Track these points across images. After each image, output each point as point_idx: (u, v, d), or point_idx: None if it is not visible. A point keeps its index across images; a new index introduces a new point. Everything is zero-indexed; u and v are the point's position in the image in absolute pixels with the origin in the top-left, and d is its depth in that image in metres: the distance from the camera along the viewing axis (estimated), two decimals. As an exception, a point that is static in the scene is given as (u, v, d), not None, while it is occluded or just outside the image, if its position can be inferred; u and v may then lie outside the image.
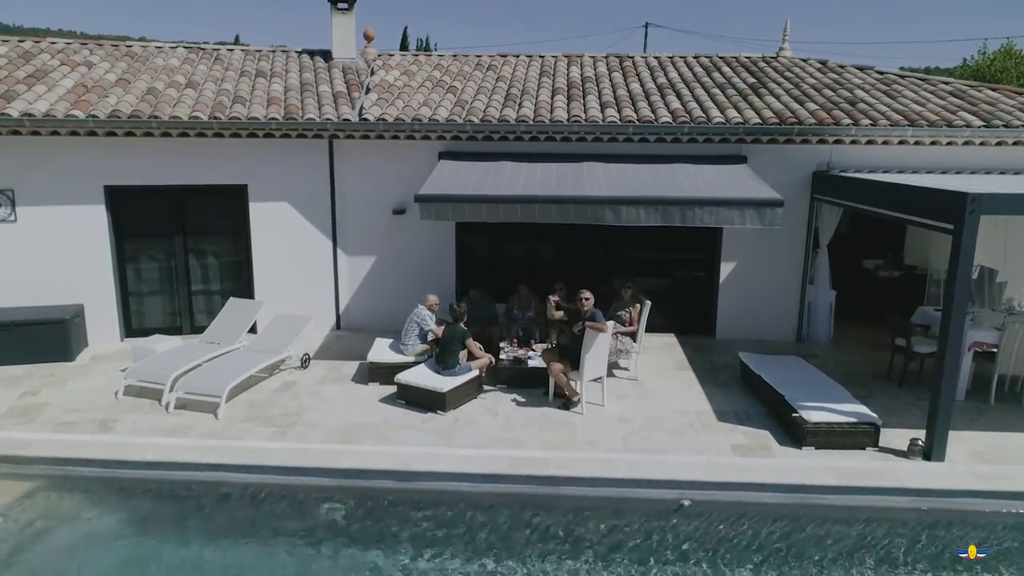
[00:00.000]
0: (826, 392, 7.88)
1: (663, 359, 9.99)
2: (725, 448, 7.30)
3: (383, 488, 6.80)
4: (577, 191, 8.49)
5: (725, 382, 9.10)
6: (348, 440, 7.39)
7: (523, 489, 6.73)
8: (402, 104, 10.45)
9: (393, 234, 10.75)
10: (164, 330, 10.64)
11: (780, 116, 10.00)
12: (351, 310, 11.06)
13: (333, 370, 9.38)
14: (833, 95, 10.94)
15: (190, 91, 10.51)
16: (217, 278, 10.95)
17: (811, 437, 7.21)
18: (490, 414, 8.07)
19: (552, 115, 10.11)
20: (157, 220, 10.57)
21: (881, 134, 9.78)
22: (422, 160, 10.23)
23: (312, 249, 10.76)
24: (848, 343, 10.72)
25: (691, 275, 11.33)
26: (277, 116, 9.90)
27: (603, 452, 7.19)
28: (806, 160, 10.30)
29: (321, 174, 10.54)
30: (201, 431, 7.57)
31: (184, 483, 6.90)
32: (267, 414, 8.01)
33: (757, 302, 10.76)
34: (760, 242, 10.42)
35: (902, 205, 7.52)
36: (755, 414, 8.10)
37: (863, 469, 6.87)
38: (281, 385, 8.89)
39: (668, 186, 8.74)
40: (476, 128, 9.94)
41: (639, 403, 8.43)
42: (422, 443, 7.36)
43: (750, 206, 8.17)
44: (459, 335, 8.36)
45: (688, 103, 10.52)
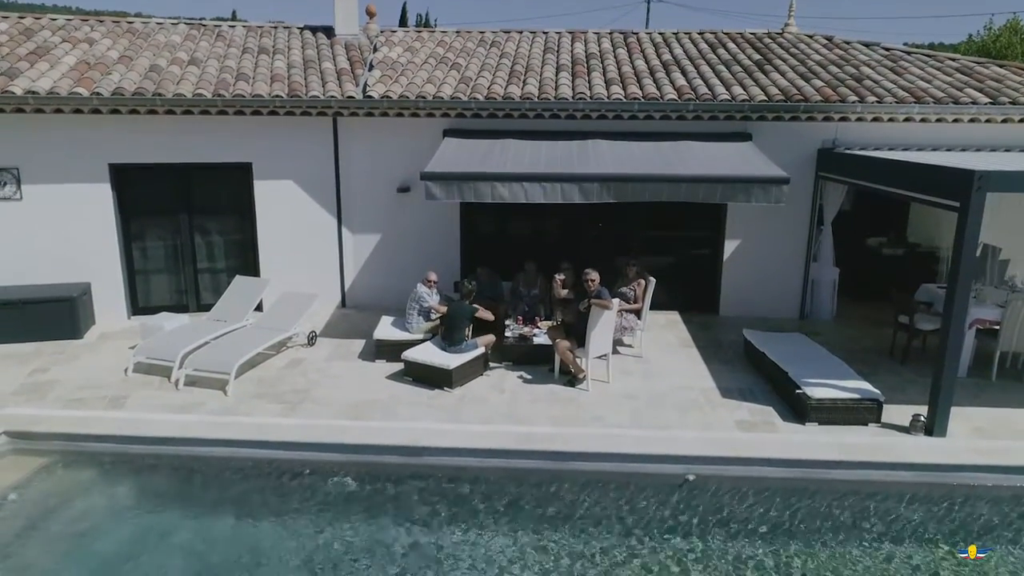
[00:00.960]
0: (830, 369, 7.95)
1: (667, 336, 10.05)
2: (730, 424, 7.39)
3: (392, 463, 6.90)
4: (583, 169, 8.50)
5: (729, 359, 9.17)
6: (357, 416, 7.48)
7: (531, 464, 6.82)
8: (406, 81, 10.41)
9: (398, 212, 10.76)
10: (170, 308, 10.69)
11: (786, 93, 9.96)
12: (356, 288, 11.11)
13: (340, 347, 9.45)
14: (839, 72, 10.89)
15: (193, 68, 10.46)
16: (223, 256, 10.98)
17: (815, 413, 7.29)
18: (497, 391, 8.15)
19: (557, 92, 10.08)
20: (162, 198, 10.58)
21: (887, 111, 9.75)
22: (426, 138, 10.21)
23: (317, 227, 10.78)
24: (851, 320, 10.78)
25: (695, 252, 11.36)
26: (281, 94, 9.86)
27: (609, 428, 7.28)
28: (811, 137, 10.28)
29: (325, 152, 10.53)
30: (211, 408, 7.65)
31: (196, 459, 6.99)
32: (276, 391, 8.09)
33: (761, 279, 10.80)
34: (764, 219, 10.43)
35: (908, 183, 7.54)
36: (759, 391, 8.18)
37: (866, 444, 6.96)
38: (289, 362, 8.96)
39: (674, 164, 8.74)
40: (481, 105, 9.91)
41: (644, 380, 8.50)
42: (430, 419, 7.45)
43: (756, 184, 8.18)
44: (466, 312, 8.41)
45: (693, 80, 10.48)
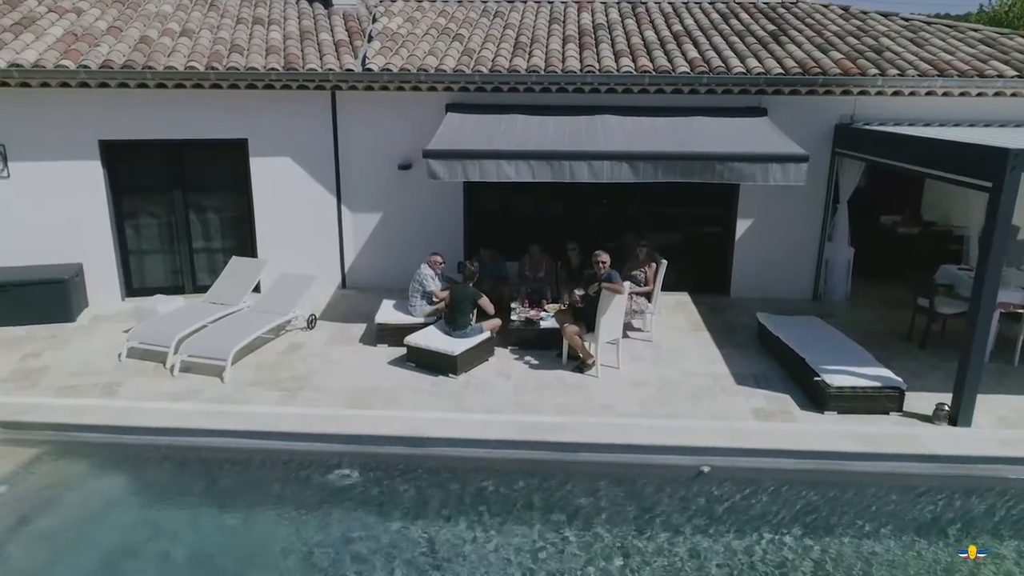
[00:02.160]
0: (847, 354, 7.68)
1: (678, 319, 9.77)
2: (745, 413, 7.13)
3: (395, 454, 6.65)
4: (592, 146, 8.14)
5: (742, 343, 8.89)
6: (358, 405, 7.22)
7: (538, 455, 6.58)
8: (407, 53, 9.99)
9: (399, 190, 10.41)
10: (166, 289, 10.41)
11: (803, 66, 9.55)
12: (357, 268, 10.80)
13: (340, 331, 9.17)
14: (857, 43, 10.46)
15: (185, 40, 10.04)
16: (219, 236, 10.65)
17: (834, 402, 7.02)
18: (502, 377, 7.88)
19: (564, 65, 9.67)
20: (155, 176, 10.23)
21: (909, 85, 9.35)
22: (428, 113, 9.82)
23: (315, 205, 10.44)
24: (866, 302, 10.48)
25: (706, 232, 11.04)
26: (277, 66, 9.45)
27: (620, 417, 7.02)
28: (828, 112, 9.89)
29: (324, 127, 10.15)
30: (207, 395, 7.39)
31: (191, 449, 6.76)
32: (274, 377, 7.82)
33: (773, 260, 10.49)
34: (778, 198, 10.07)
35: (934, 161, 7.18)
36: (774, 377, 7.91)
37: (887, 435, 6.70)
38: (288, 347, 8.68)
39: (687, 140, 8.38)
40: (485, 79, 9.51)
41: (655, 365, 8.23)
42: (434, 408, 7.19)
43: (773, 162, 7.83)
44: (470, 296, 8.11)
45: (706, 52, 10.06)
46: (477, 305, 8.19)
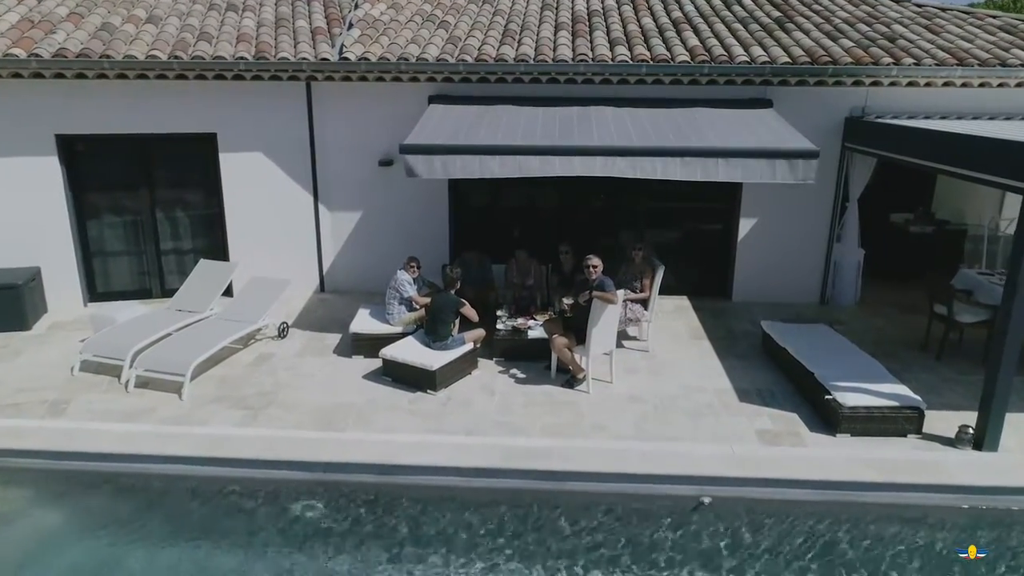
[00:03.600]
0: (860, 368, 7.05)
1: (676, 325, 9.14)
2: (749, 434, 6.51)
3: (365, 483, 6.02)
4: (584, 140, 7.50)
5: (745, 353, 8.27)
6: (326, 425, 6.60)
7: (523, 484, 5.96)
8: (387, 41, 9.33)
9: (380, 187, 9.76)
10: (132, 293, 9.82)
11: (811, 54, 8.89)
12: (335, 270, 10.16)
13: (314, 340, 8.54)
14: (869, 30, 9.79)
15: (150, 27, 9.37)
16: (188, 236, 10.01)
17: (847, 423, 6.40)
18: (486, 392, 7.26)
19: (555, 54, 9.01)
20: (119, 173, 9.58)
21: (926, 75, 8.69)
22: (411, 105, 9.17)
23: (291, 204, 9.80)
24: (876, 306, 9.86)
25: (707, 231, 10.39)
26: (246, 55, 8.79)
27: (613, 440, 6.40)
28: (838, 104, 9.24)
29: (298, 121, 9.50)
30: (163, 415, 6.76)
31: (141, 476, 6.13)
32: (238, 393, 7.20)
33: (779, 261, 9.85)
34: (783, 196, 9.43)
35: (960, 158, 6.52)
36: (780, 392, 7.29)
37: (906, 461, 6.08)
38: (256, 358, 8.06)
39: (687, 135, 7.73)
40: (470, 68, 8.85)
41: (651, 379, 7.61)
42: (409, 428, 6.57)
43: (781, 158, 7.19)
44: (451, 304, 7.47)
45: (707, 40, 9.39)
46: (459, 314, 7.57)
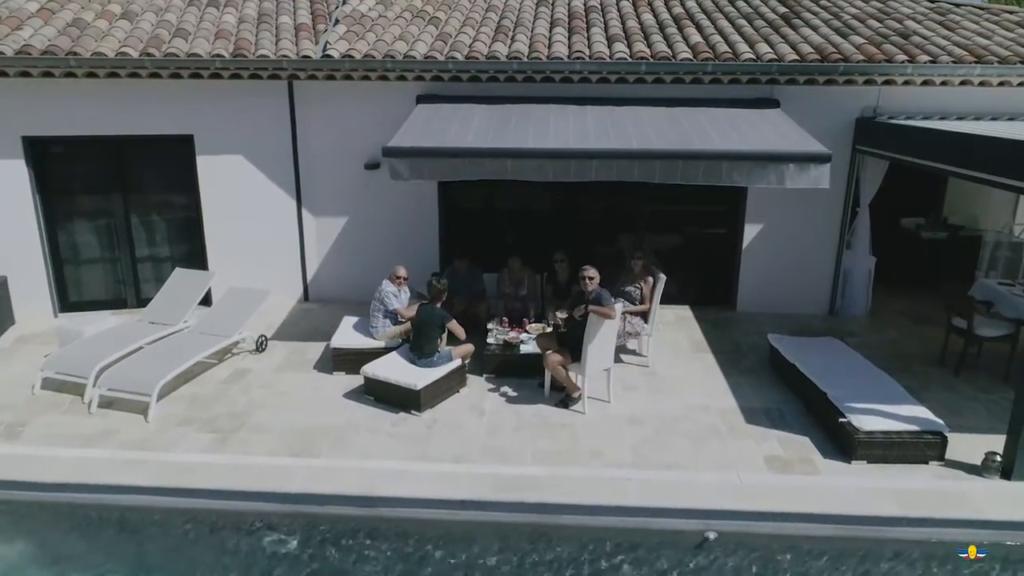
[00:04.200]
0: (876, 387, 6.58)
1: (677, 337, 8.67)
2: (757, 461, 6.03)
3: (341, 515, 5.55)
4: (580, 142, 7.02)
5: (751, 368, 7.79)
6: (301, 451, 6.12)
7: (513, 518, 5.48)
8: (374, 38, 8.85)
9: (366, 191, 9.28)
10: (107, 303, 9.36)
11: (821, 51, 8.41)
12: (320, 279, 9.68)
13: (295, 354, 8.07)
14: (880, 27, 9.32)
15: (124, 23, 8.89)
16: (166, 243, 9.52)
17: (863, 449, 5.91)
18: (475, 413, 6.78)
19: (550, 51, 8.53)
20: (91, 176, 9.11)
21: (942, 73, 8.21)
22: (398, 105, 8.69)
23: (273, 209, 9.32)
24: (888, 316, 9.38)
25: (710, 238, 9.90)
26: (223, 53, 8.31)
27: (610, 468, 5.91)
28: (848, 104, 8.76)
29: (280, 122, 9.02)
30: (125, 438, 6.28)
31: (98, 508, 5.65)
32: (209, 414, 6.72)
33: (785, 270, 9.37)
34: (791, 200, 8.95)
35: (984, 161, 6.05)
36: (790, 413, 6.81)
37: (929, 493, 5.59)
38: (232, 374, 7.58)
39: (690, 137, 7.25)
40: (460, 67, 8.37)
41: (652, 397, 7.13)
42: (391, 454, 6.09)
43: (791, 162, 6.71)
44: (437, 318, 6.99)
45: (711, 36, 8.91)
46: (445, 329, 7.09)
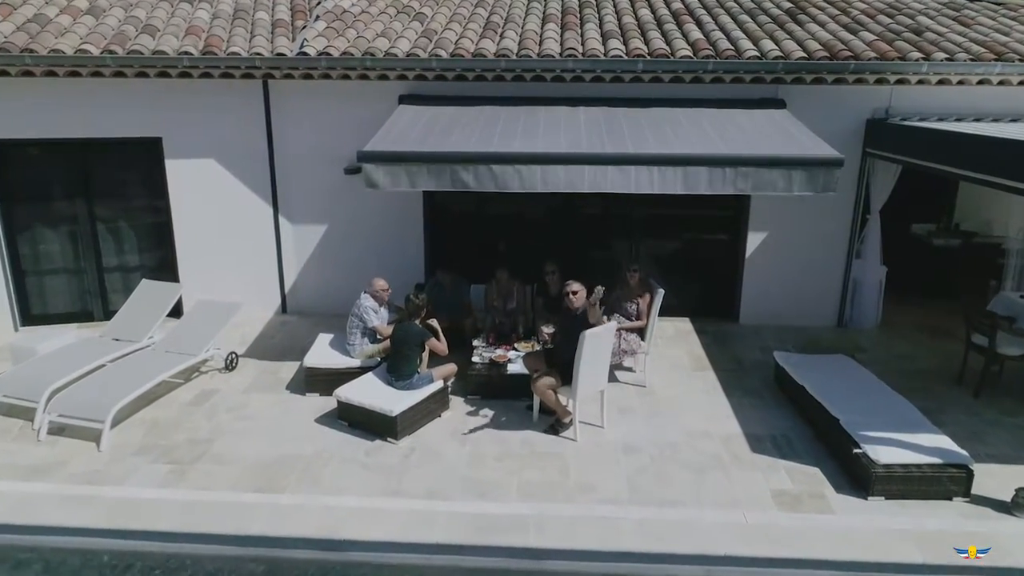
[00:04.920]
0: (891, 412, 6.06)
1: (676, 353, 8.15)
2: (764, 496, 5.50)
3: (305, 560, 5.02)
4: (573, 147, 6.50)
5: (756, 388, 7.27)
6: (266, 485, 5.59)
7: (494, 563, 4.96)
8: (354, 35, 8.32)
9: (347, 197, 8.76)
10: (72, 316, 8.86)
11: (829, 49, 7.89)
12: (299, 290, 9.16)
13: (266, 372, 7.54)
14: (892, 23, 8.81)
15: (88, 19, 8.36)
16: (135, 252, 9.00)
17: (881, 484, 5.38)
18: (456, 440, 6.25)
19: (541, 48, 8.01)
20: (53, 182, 8.59)
21: (960, 71, 7.69)
22: (380, 106, 8.17)
23: (248, 216, 8.81)
24: (899, 329, 8.87)
25: (711, 246, 9.38)
26: (192, 50, 7.79)
27: (603, 504, 5.39)
28: (858, 105, 8.25)
29: (255, 124, 8.51)
30: (74, 470, 5.76)
31: (39, 550, 5.12)
32: (168, 441, 6.19)
33: (791, 279, 8.85)
34: (798, 207, 8.44)
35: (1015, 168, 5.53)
36: (798, 439, 6.29)
37: (955, 536, 5.06)
38: (197, 395, 7.05)
39: (689, 140, 6.73)
40: (444, 65, 7.84)
41: (649, 422, 6.61)
42: (363, 488, 5.56)
43: (799, 167, 6.20)
44: (414, 336, 6.45)
45: (712, 33, 8.39)
46: (425, 347, 6.56)
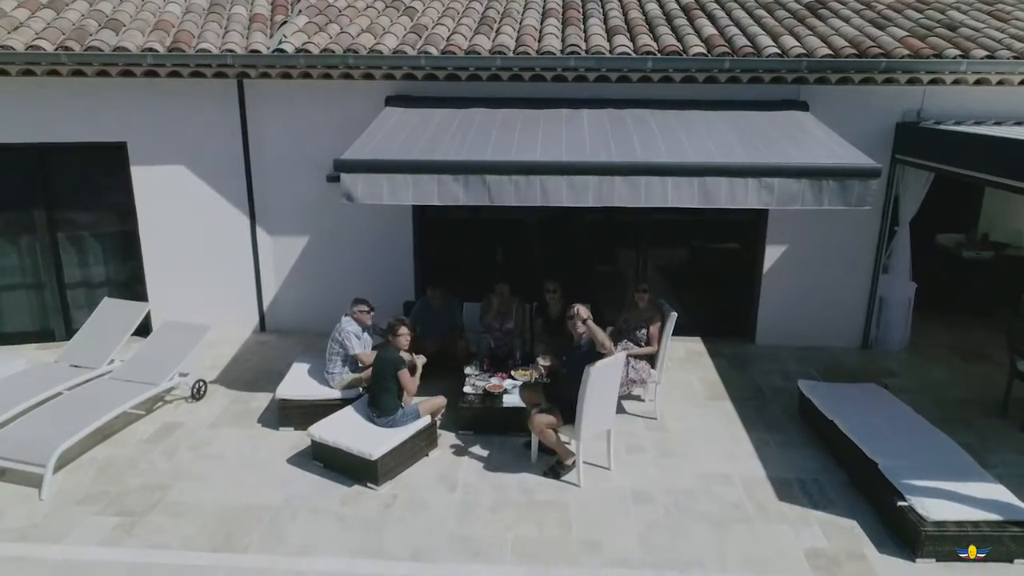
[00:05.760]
0: (936, 455, 5.36)
1: (689, 378, 7.45)
2: (796, 555, 4.79)
3: (265, 636, 4.34)
4: (575, 155, 5.81)
5: (778, 421, 6.57)
6: (224, 543, 4.88)
7: (484, 641, 4.27)
8: (337, 30, 7.63)
9: (330, 207, 8.05)
10: (32, 335, 8.19)
11: (857, 45, 7.19)
12: (279, 307, 8.46)
13: (238, 402, 6.84)
14: (921, 17, 8.10)
15: (48, 12, 7.66)
16: (101, 266, 8.31)
17: (932, 545, 4.69)
18: (445, 486, 5.54)
19: (540, 45, 7.31)
20: (7, 191, 7.88)
21: (1001, 70, 6.99)
22: (365, 108, 7.51)
23: (222, 227, 8.13)
24: (930, 352, 8.17)
25: (726, 259, 8.67)
26: (158, 46, 7.09)
27: (612, 568, 4.68)
28: (886, 107, 7.55)
29: (229, 128, 7.83)
30: (8, 523, 5.05)
31: (-42, 623, 4.45)
32: (121, 486, 5.49)
33: (813, 296, 8.15)
34: (820, 218, 7.75)
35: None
36: (830, 484, 5.58)
37: (1021, 607, 4.39)
38: (158, 429, 6.35)
39: (706, 148, 6.03)
40: (434, 63, 7.15)
41: (661, 462, 5.90)
42: (336, 547, 4.85)
43: (830, 177, 5.51)
44: (390, 365, 5.74)
45: (727, 28, 7.69)
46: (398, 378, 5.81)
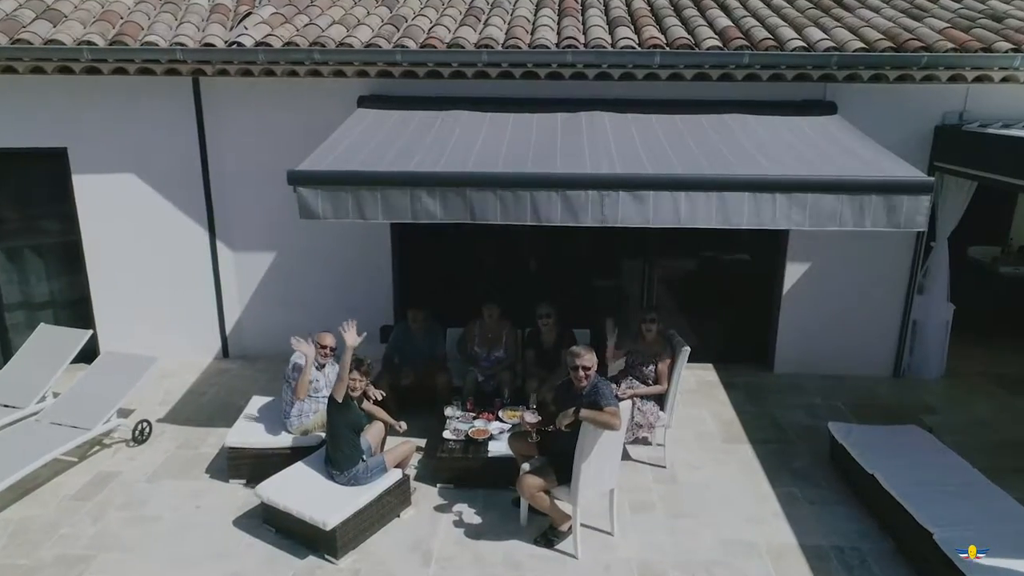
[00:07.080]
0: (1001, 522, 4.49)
1: (701, 414, 6.59)
2: (840, 655, 3.95)
3: None
4: (572, 165, 4.96)
5: (807, 470, 5.70)
6: (145, 636, 4.05)
7: None
8: (304, 22, 6.79)
9: (299, 220, 7.04)
10: (-34, 363, 7.28)
11: (893, 38, 6.33)
12: (243, 330, 7.61)
13: (186, 446, 5.98)
14: (961, 7, 7.26)
15: (-22, 2, 6.84)
16: (43, 285, 7.46)
17: (1006, 645, 3.85)
18: (417, 558, 4.68)
19: (533, 38, 6.46)
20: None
21: (1059, 66, 6.15)
22: (337, 109, 6.66)
23: (179, 243, 7.29)
24: (971, 381, 7.32)
25: (741, 279, 7.77)
26: (97, 40, 6.23)
27: (614, 673, 3.84)
28: (924, 108, 6.70)
29: (184, 131, 6.98)
30: None
31: None
32: (31, 560, 4.62)
33: (838, 320, 7.30)
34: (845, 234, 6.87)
35: None
36: (873, 554, 4.72)
37: None
38: (90, 481, 5.49)
39: (724, 156, 5.18)
40: (412, 58, 6.29)
41: (672, 525, 5.04)
42: (281, 642, 4.01)
43: (873, 193, 4.66)
44: (352, 420, 4.85)
45: (742, 19, 6.83)
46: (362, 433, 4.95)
